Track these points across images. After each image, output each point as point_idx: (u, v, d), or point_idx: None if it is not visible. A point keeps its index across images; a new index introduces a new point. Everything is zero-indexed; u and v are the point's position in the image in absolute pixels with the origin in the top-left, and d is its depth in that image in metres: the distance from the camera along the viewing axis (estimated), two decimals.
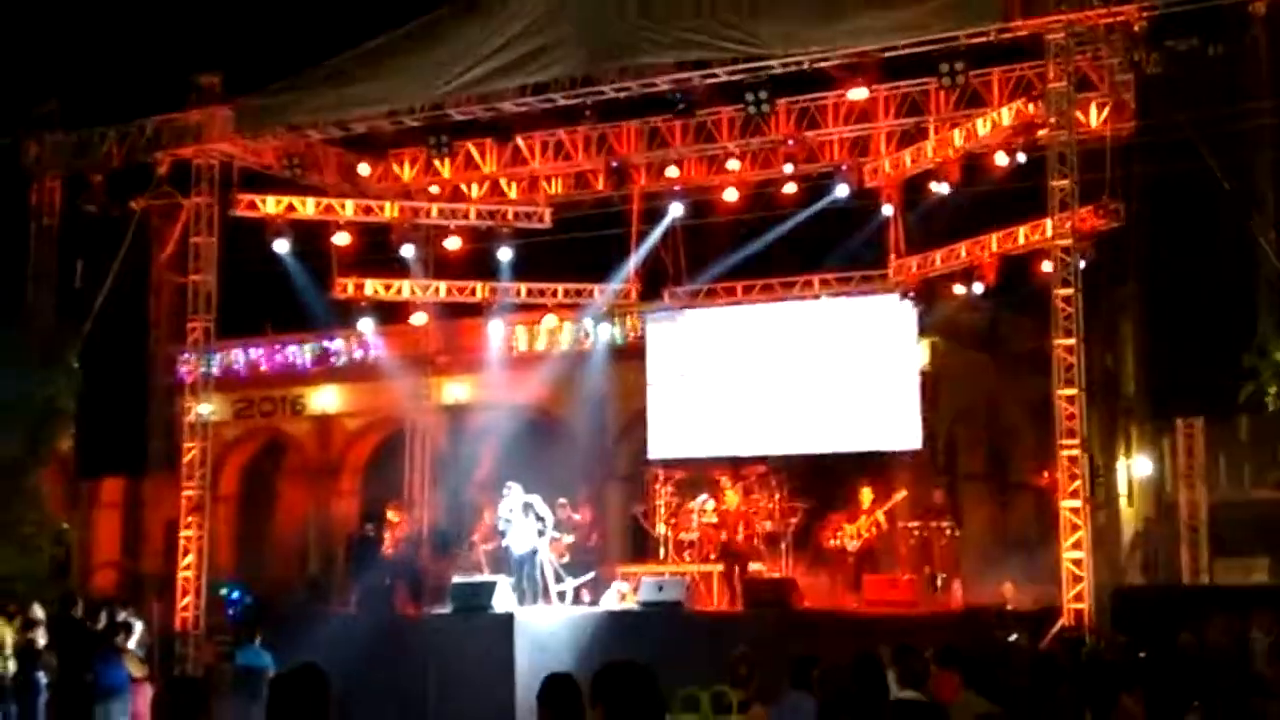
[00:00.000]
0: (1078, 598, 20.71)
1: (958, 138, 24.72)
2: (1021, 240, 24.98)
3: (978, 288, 26.04)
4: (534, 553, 23.39)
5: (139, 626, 20.55)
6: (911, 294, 26.20)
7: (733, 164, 26.99)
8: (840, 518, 24.61)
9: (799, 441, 26.78)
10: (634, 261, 29.01)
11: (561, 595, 23.76)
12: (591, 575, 24.50)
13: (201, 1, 34.67)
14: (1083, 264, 22.11)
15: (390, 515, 26.08)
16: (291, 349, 34.26)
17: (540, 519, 23.47)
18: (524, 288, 29.48)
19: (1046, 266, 22.50)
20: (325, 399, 34.90)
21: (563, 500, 25.05)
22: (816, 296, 28.00)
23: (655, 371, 28.21)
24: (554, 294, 29.77)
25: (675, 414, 27.87)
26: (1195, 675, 17.06)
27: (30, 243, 27.83)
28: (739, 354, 27.62)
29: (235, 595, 29.58)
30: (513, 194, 29.25)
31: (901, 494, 24.86)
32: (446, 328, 31.91)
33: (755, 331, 27.67)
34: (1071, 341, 21.30)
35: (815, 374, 26.83)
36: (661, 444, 27.73)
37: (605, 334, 29.87)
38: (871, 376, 26.26)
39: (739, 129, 26.34)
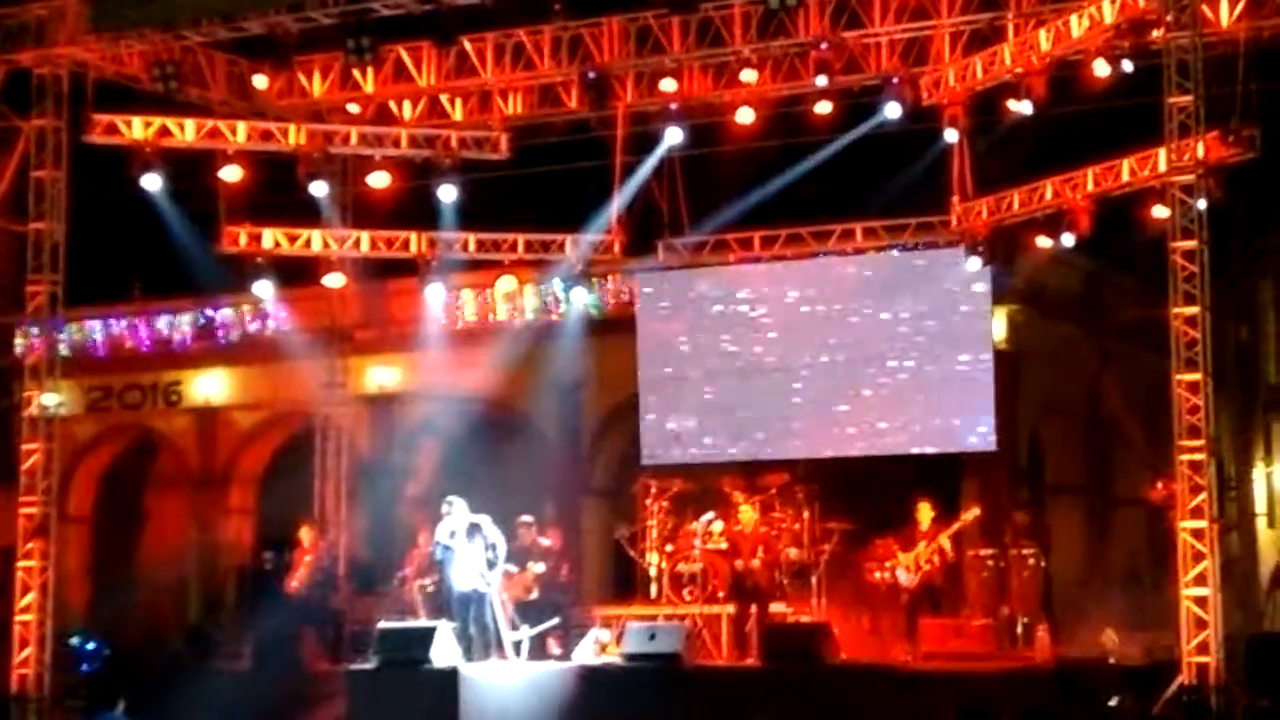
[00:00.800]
0: (1201, 648, 20.73)
1: (1044, 40, 24.65)
2: (1126, 176, 24.96)
3: (1068, 239, 25.98)
4: (483, 590, 23.39)
5: None
6: (981, 247, 26.21)
7: (748, 75, 26.88)
8: (890, 543, 24.66)
9: (835, 443, 26.84)
10: (617, 205, 28.95)
11: (518, 646, 23.79)
12: (556, 621, 24.51)
13: None
14: (1205, 206, 22.09)
15: (302, 537, 26.07)
16: (165, 320, 34.21)
17: (491, 546, 23.46)
18: (473, 239, 29.40)
19: (1160, 211, 22.48)
20: (209, 387, 34.88)
21: (527, 518, 25.07)
22: (858, 250, 28.01)
23: (647, 351, 28.20)
24: (512, 247, 29.69)
25: (673, 406, 27.90)
26: None
27: None
28: (756, 327, 27.64)
29: (91, 647, 29.56)
30: (458, 115, 29.16)
31: (973, 512, 24.91)
32: (370, 293, 31.87)
33: (777, 297, 27.68)
34: (1195, 310, 21.32)
35: (856, 353, 26.88)
36: (656, 446, 27.76)
37: (580, 300, 29.84)
38: (930, 357, 26.30)
39: (756, 28, 26.22)
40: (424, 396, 31.25)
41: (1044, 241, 26.33)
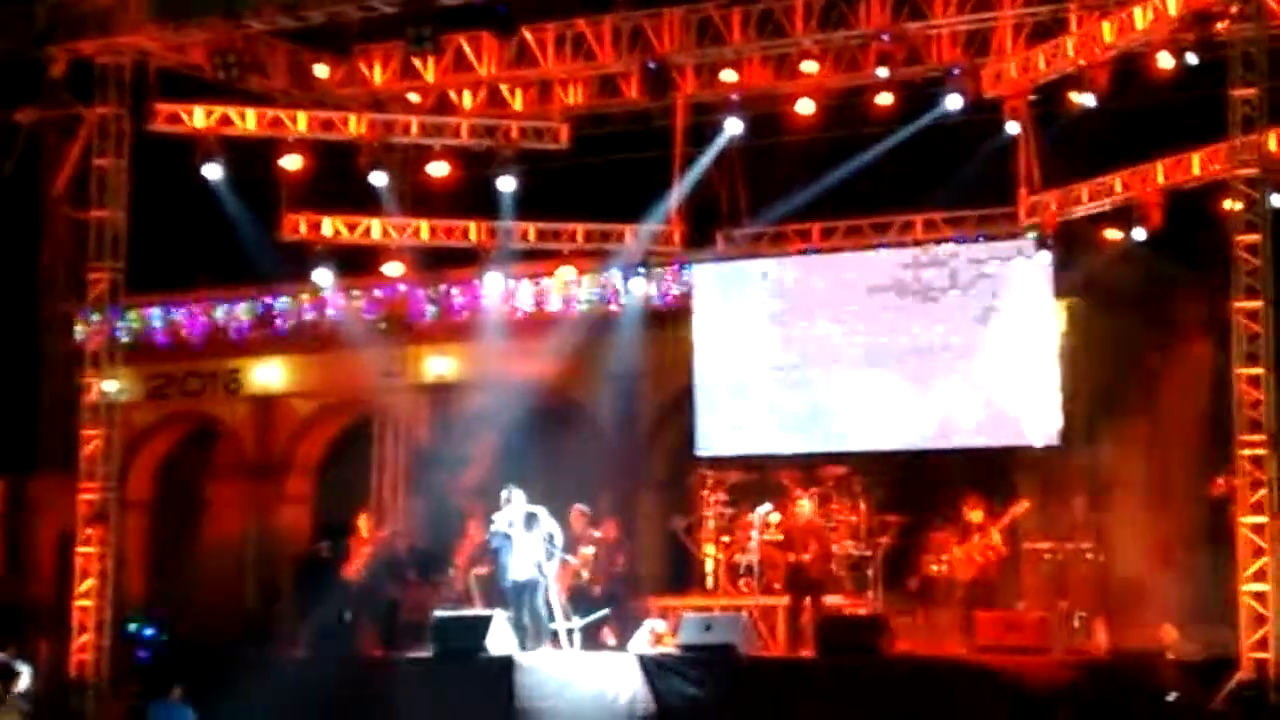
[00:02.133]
0: (1260, 644, 20.67)
1: (1107, 32, 24.54)
2: (1197, 170, 24.83)
3: (1138, 233, 25.83)
4: (539, 580, 23.45)
5: (25, 672, 20.67)
6: (1050, 240, 26.14)
7: (808, 66, 26.84)
8: (946, 536, 24.63)
9: (892, 435, 26.85)
10: (677, 195, 28.97)
11: (572, 635, 23.83)
12: (607, 611, 24.54)
13: None
14: (1276, 201, 21.99)
15: (360, 526, 26.15)
16: (225, 309, 34.35)
17: (549, 536, 23.52)
18: (533, 229, 29.51)
19: (1231, 205, 22.36)
20: (268, 375, 35.00)
21: (582, 507, 25.12)
22: (919, 242, 27.97)
23: (704, 341, 28.21)
24: (571, 237, 29.79)
25: (730, 398, 27.91)
26: None
27: None
28: (815, 318, 27.64)
29: (149, 633, 29.75)
30: (518, 105, 29.22)
31: (1023, 505, 24.82)
32: (430, 281, 31.96)
33: (836, 288, 27.69)
34: (1259, 304, 21.25)
35: (915, 346, 26.86)
36: (712, 437, 27.75)
37: (639, 291, 29.81)
38: (992, 349, 26.29)
39: (817, 19, 26.19)
40: (482, 386, 31.26)
41: (1114, 235, 26.25)
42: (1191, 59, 23.96)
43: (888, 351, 27.19)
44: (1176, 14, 23.52)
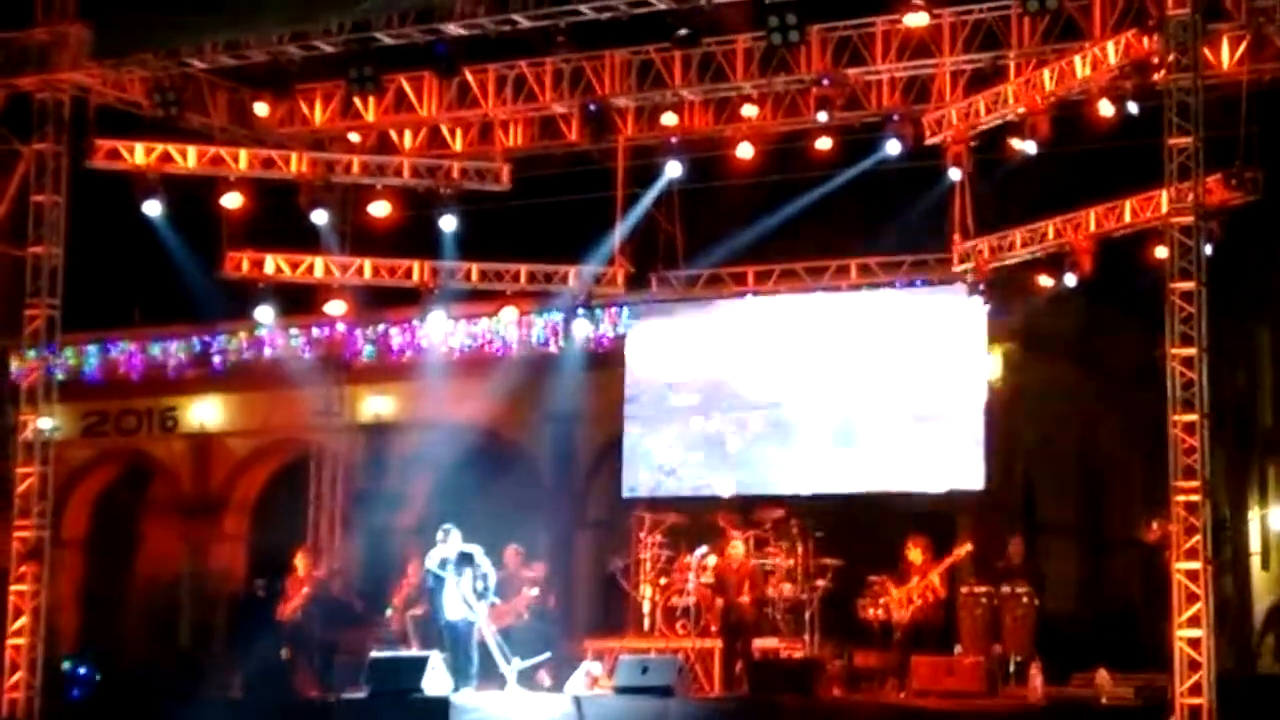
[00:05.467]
0: (1195, 689, 20.66)
1: (1048, 80, 24.69)
2: (1129, 217, 24.97)
3: (1070, 280, 25.97)
4: (471, 620, 23.32)
5: None
6: (983, 286, 26.22)
7: (749, 110, 26.94)
8: (883, 580, 24.62)
9: (829, 478, 26.81)
10: (618, 237, 28.96)
11: (509, 677, 23.68)
12: (548, 655, 24.41)
13: None
14: (1209, 250, 22.08)
15: (297, 565, 25.98)
16: (162, 346, 34.16)
17: (482, 576, 23.39)
18: (475, 269, 29.45)
19: (1163, 252, 22.46)
20: (205, 413, 34.86)
21: (517, 547, 25.04)
22: (856, 287, 28.02)
23: (636, 384, 28.20)
24: (514, 278, 29.73)
25: (658, 440, 27.88)
26: None
27: None
28: (751, 362, 27.63)
29: (82, 672, 29.49)
30: (459, 145, 29.19)
31: (965, 549, 24.87)
32: (372, 320, 31.85)
33: (773, 332, 27.70)
34: (1192, 352, 21.28)
35: (851, 390, 26.89)
36: (638, 479, 27.72)
37: (580, 332, 29.72)
38: (926, 394, 26.31)
39: (758, 64, 26.28)
40: (420, 426, 31.19)
41: (1046, 281, 26.37)
42: (1132, 108, 24.12)
43: (822, 395, 27.17)
44: (1116, 63, 23.73)
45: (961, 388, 26.25)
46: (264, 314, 29.30)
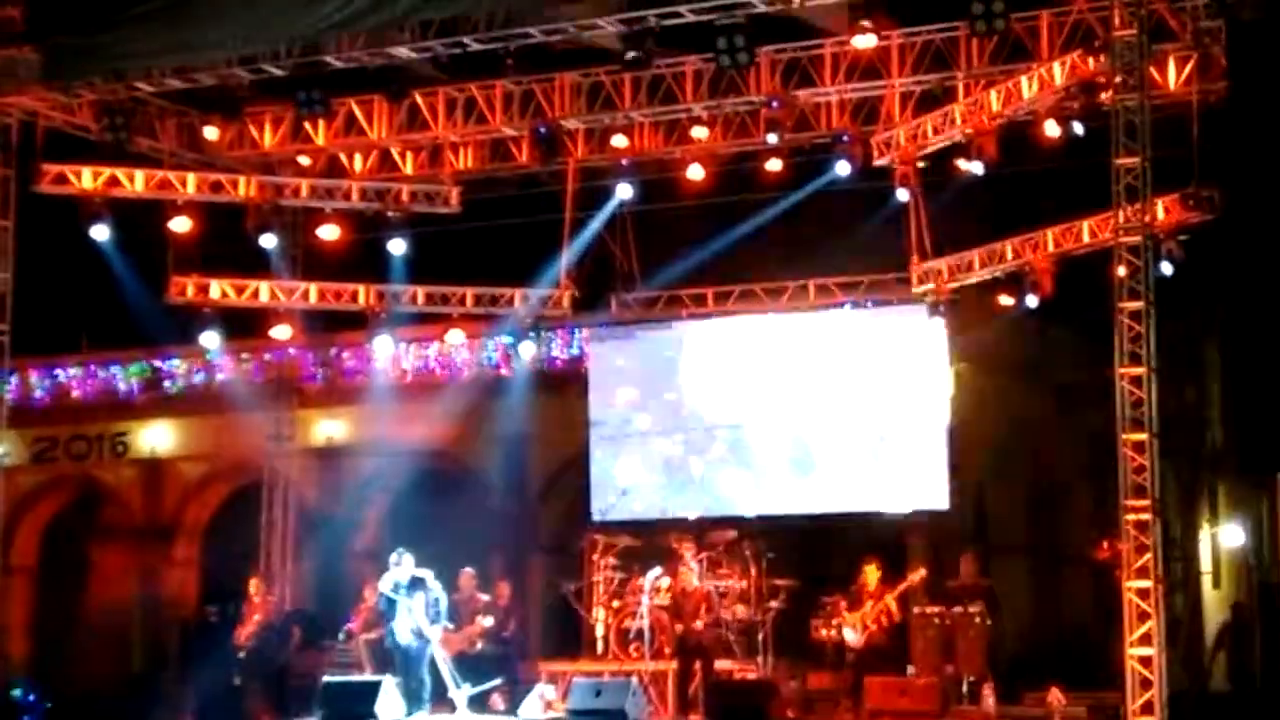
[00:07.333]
0: (1146, 707, 20.71)
1: (994, 101, 24.78)
2: (1087, 237, 25.04)
3: (1031, 301, 25.98)
4: (423, 643, 23.27)
5: None
6: (942, 307, 26.32)
7: (699, 131, 26.97)
8: (837, 602, 24.64)
9: (783, 500, 26.83)
10: (567, 259, 28.97)
11: (461, 702, 23.64)
12: (500, 680, 24.35)
13: None
14: (1170, 270, 22.19)
15: (250, 590, 25.90)
16: (112, 371, 34.06)
17: (434, 601, 23.34)
18: (422, 292, 29.40)
19: (1122, 271, 22.55)
20: (156, 437, 34.70)
21: (470, 571, 25.00)
22: (812, 308, 28.08)
23: (598, 406, 28.20)
24: (461, 301, 29.70)
25: (621, 463, 27.88)
26: None
27: None
28: (707, 383, 27.64)
29: (32, 699, 29.33)
30: (409, 168, 29.18)
31: (920, 574, 24.94)
32: (319, 344, 31.81)
33: (729, 353, 27.71)
34: (1141, 371, 21.34)
35: (806, 411, 26.92)
36: (605, 503, 27.70)
37: (528, 354, 29.74)
38: (889, 415, 26.37)
39: (707, 86, 26.34)
40: (371, 450, 31.13)
41: (1006, 302, 26.44)
42: (1079, 128, 24.22)
43: (780, 417, 27.20)
44: (1062, 84, 23.82)
45: (924, 408, 26.31)
46: (209, 339, 29.12)
